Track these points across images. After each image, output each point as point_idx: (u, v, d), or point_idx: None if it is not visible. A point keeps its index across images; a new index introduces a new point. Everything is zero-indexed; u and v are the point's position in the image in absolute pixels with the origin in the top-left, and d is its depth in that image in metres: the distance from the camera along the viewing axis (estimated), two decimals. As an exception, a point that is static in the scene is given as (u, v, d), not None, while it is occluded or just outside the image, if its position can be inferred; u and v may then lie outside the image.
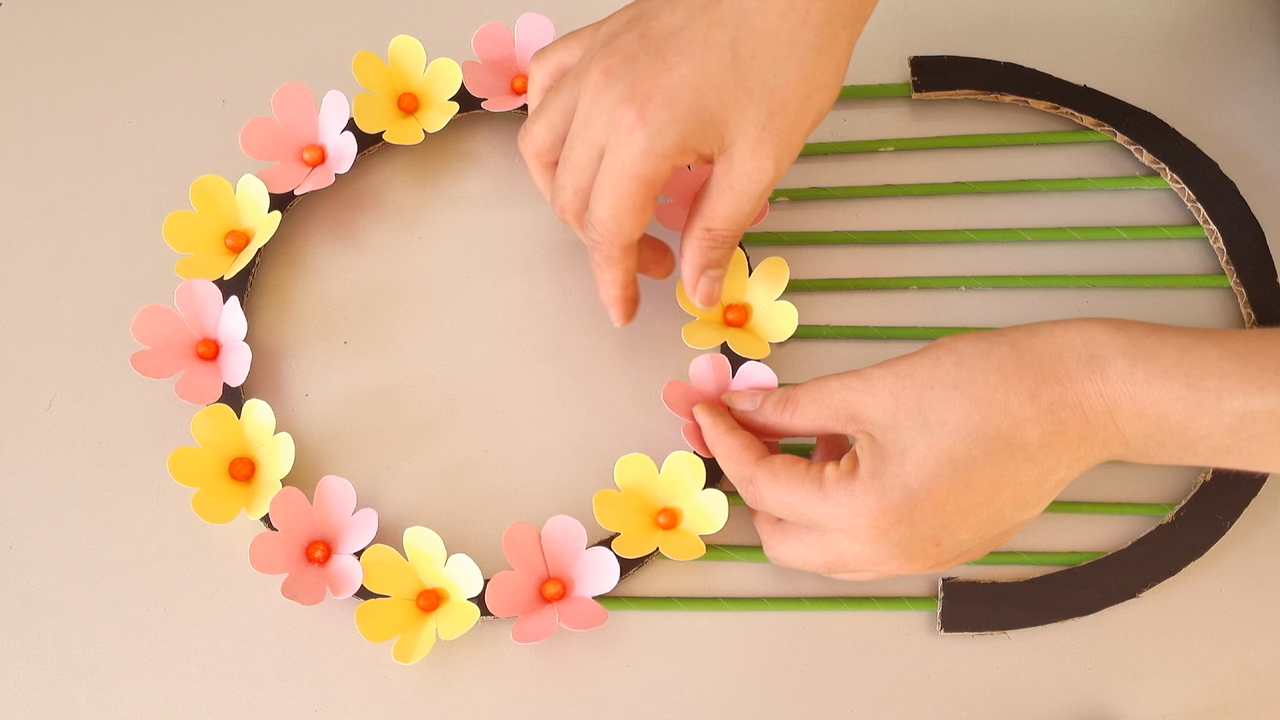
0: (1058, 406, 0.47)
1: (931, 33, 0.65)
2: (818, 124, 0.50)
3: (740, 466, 0.52)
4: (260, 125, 0.59)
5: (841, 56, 0.49)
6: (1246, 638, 0.56)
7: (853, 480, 0.48)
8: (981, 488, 0.47)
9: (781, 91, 0.48)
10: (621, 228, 0.51)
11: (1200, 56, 0.65)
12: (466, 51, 0.62)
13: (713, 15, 0.49)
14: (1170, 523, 0.57)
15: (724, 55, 0.48)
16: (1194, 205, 0.61)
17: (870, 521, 0.48)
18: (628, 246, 0.52)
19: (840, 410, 0.50)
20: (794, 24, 0.48)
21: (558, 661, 0.56)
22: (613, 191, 0.50)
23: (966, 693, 0.56)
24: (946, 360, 0.48)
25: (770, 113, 0.48)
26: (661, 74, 0.48)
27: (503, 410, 0.59)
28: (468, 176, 0.63)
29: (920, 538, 0.48)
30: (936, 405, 0.48)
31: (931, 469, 0.47)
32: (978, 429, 0.47)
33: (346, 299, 0.60)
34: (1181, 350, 0.46)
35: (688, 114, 0.48)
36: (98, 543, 0.57)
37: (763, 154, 0.49)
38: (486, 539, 0.57)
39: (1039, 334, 0.48)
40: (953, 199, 0.62)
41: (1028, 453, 0.47)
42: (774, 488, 0.51)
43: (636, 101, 0.49)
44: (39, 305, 0.60)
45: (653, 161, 0.49)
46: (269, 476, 0.56)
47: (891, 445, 0.48)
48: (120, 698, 0.55)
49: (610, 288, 0.54)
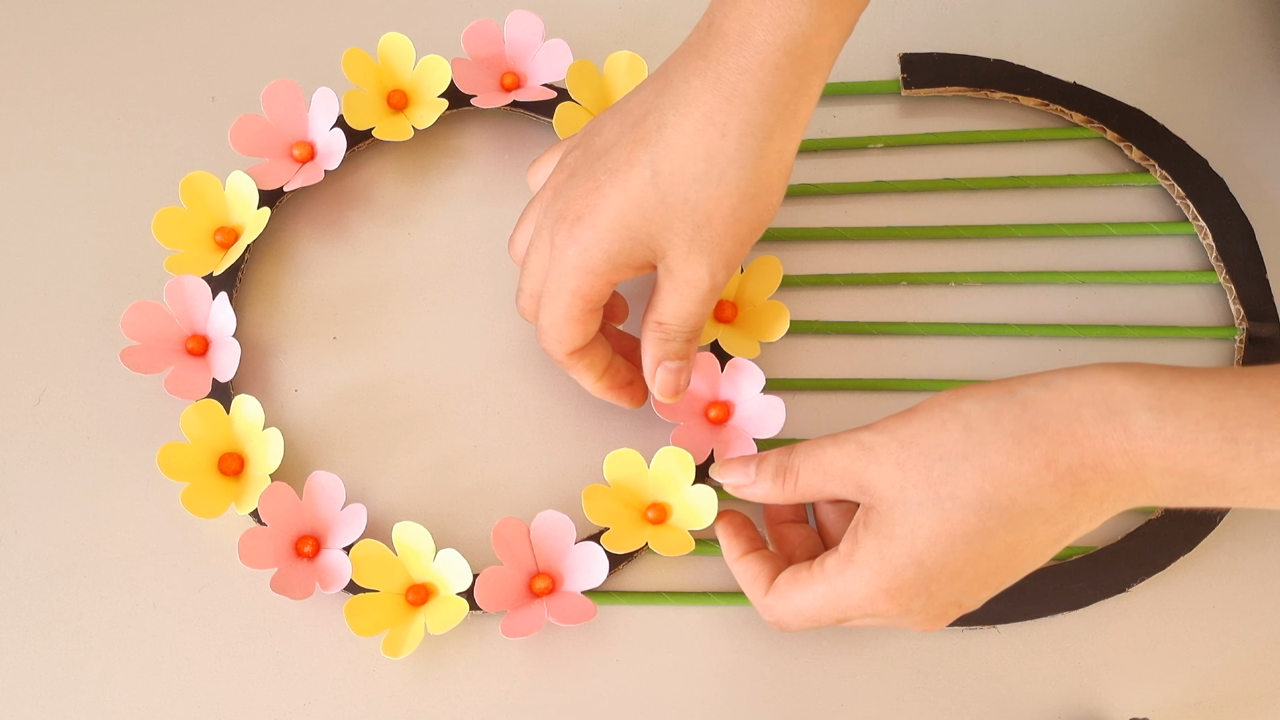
0: (1078, 469, 0.44)
1: (921, 29, 0.65)
2: (760, 228, 0.50)
3: (755, 599, 0.51)
4: (249, 122, 0.59)
5: (772, 166, 0.48)
6: (1236, 632, 0.56)
7: (855, 563, 0.47)
8: (998, 555, 0.46)
9: (704, 206, 0.48)
10: (562, 336, 0.52)
11: (1189, 53, 0.65)
12: (456, 48, 0.62)
13: (637, 133, 0.49)
14: (1160, 518, 0.57)
15: (645, 173, 0.48)
16: (1183, 202, 0.61)
17: (887, 599, 0.47)
18: (575, 353, 0.53)
19: (845, 479, 0.48)
20: (711, 138, 0.47)
21: (547, 656, 0.56)
22: (551, 302, 0.51)
23: (956, 688, 0.56)
24: (954, 426, 0.46)
25: (695, 226, 0.48)
26: (591, 193, 0.49)
27: (492, 405, 0.59)
28: (457, 173, 0.63)
29: (941, 604, 0.47)
30: (947, 479, 0.45)
31: (944, 545, 0.45)
32: (991, 501, 0.45)
33: (336, 295, 0.60)
34: (1213, 399, 0.43)
35: (612, 233, 0.49)
36: (87, 538, 0.57)
37: (695, 264, 0.49)
38: (476, 534, 0.57)
39: (1053, 388, 0.45)
40: (942, 195, 0.63)
41: (1045, 515, 0.45)
42: (786, 605, 0.49)
43: (568, 221, 0.50)
44: (28, 301, 0.60)
45: (585, 278, 0.50)
46: (258, 472, 0.56)
47: (900, 521, 0.46)
48: (109, 692, 0.55)
49: (585, 385, 0.55)
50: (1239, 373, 0.44)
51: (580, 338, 0.52)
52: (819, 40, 0.47)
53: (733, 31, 0.47)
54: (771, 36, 0.46)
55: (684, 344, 0.52)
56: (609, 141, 0.50)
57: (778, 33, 0.46)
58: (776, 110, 0.47)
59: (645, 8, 0.65)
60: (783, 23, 0.46)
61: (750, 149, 0.47)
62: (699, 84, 0.47)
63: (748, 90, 0.47)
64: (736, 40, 0.47)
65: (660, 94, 0.49)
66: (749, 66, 0.47)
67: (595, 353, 0.54)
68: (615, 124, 0.50)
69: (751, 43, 0.46)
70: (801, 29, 0.46)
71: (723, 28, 0.47)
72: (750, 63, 0.47)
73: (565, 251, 0.50)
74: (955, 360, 0.60)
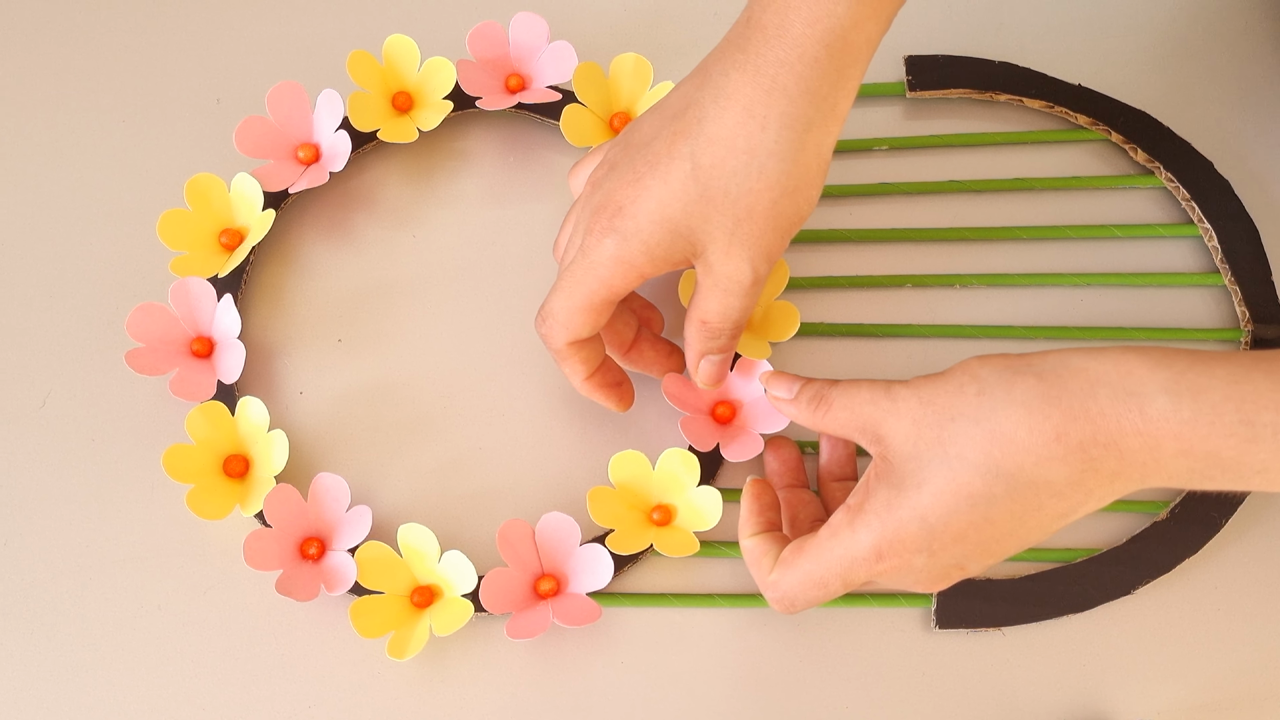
0: (1089, 445, 0.44)
1: (926, 31, 0.65)
2: (800, 222, 0.50)
3: (760, 581, 0.51)
4: (254, 124, 0.59)
5: (811, 159, 0.48)
6: (1241, 634, 0.56)
7: (865, 513, 0.47)
8: (1003, 522, 0.46)
9: (745, 199, 0.48)
10: (572, 322, 0.52)
11: (1194, 56, 0.65)
12: (461, 50, 0.62)
13: (677, 125, 0.49)
14: (1165, 520, 0.57)
15: (685, 165, 0.48)
16: (1188, 204, 0.61)
17: (891, 551, 0.47)
18: (573, 344, 0.53)
19: (867, 425, 0.48)
20: (751, 130, 0.47)
21: (552, 658, 0.56)
22: (572, 286, 0.51)
23: (961, 689, 0.56)
24: (970, 389, 0.46)
25: (736, 220, 0.48)
26: (632, 184, 0.49)
27: (497, 407, 0.59)
28: (462, 175, 0.63)
29: (943, 565, 0.47)
30: (957, 438, 0.45)
31: (949, 504, 0.45)
32: (998, 466, 0.45)
33: (341, 297, 0.60)
34: (1230, 383, 0.43)
35: (653, 225, 0.49)
36: (92, 540, 0.57)
37: (736, 258, 0.49)
38: (480, 536, 0.57)
39: (1069, 365, 0.45)
40: (947, 197, 0.62)
41: (1053, 489, 0.45)
42: (796, 576, 0.49)
43: (608, 211, 0.50)
44: (33, 303, 0.60)
45: (619, 268, 0.50)
46: (263, 473, 0.56)
47: (910, 475, 0.46)
48: (115, 694, 0.55)
49: (573, 381, 0.55)
50: (1256, 357, 0.44)
51: (588, 329, 0.52)
52: (857, 34, 0.47)
53: (771, 25, 0.47)
54: (810, 30, 0.46)
55: (728, 339, 0.53)
56: (649, 135, 0.50)
57: (816, 26, 0.46)
58: (815, 103, 0.47)
59: (650, 10, 0.65)
60: (821, 16, 0.46)
61: (790, 142, 0.47)
62: (738, 77, 0.47)
63: (787, 83, 0.47)
64: (775, 33, 0.47)
65: (700, 88, 0.49)
66: (788, 59, 0.47)
67: (591, 349, 0.54)
68: (655, 118, 0.51)
69: (790, 36, 0.47)
70: (840, 22, 0.46)
71: (761, 21, 0.47)
72: (789, 55, 0.47)
73: (602, 240, 0.50)
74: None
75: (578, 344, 0.53)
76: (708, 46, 0.49)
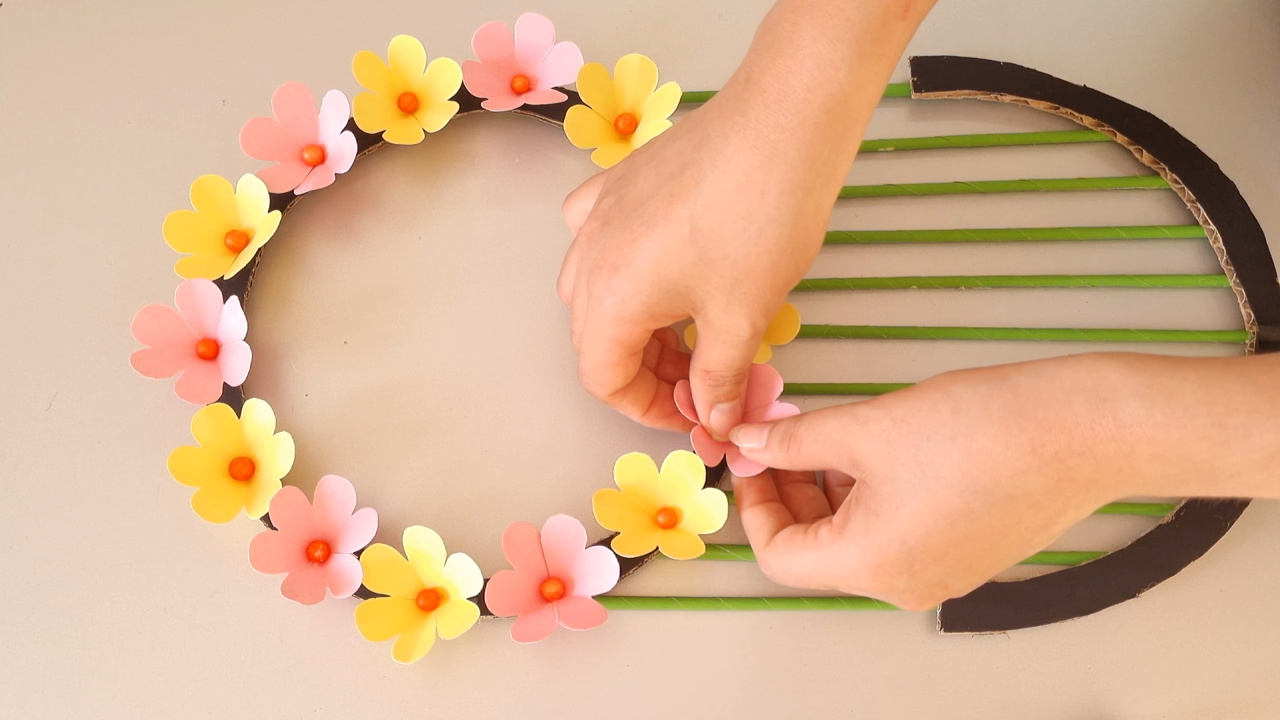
0: (1064, 455, 0.44)
1: (931, 33, 0.65)
2: (798, 278, 0.50)
3: (755, 550, 0.53)
4: (260, 125, 0.59)
5: (810, 222, 0.48)
6: (1246, 637, 0.56)
7: (844, 537, 0.48)
8: (983, 538, 0.46)
9: (744, 262, 0.48)
10: (603, 379, 0.53)
11: (1200, 57, 0.65)
12: (466, 51, 0.62)
13: (674, 186, 0.49)
14: (1170, 522, 0.57)
15: (683, 229, 0.48)
16: (1194, 205, 0.61)
17: (871, 574, 0.47)
18: (616, 393, 0.54)
19: (841, 452, 0.49)
20: (750, 196, 0.47)
21: (557, 661, 0.56)
22: (590, 348, 0.52)
23: (966, 693, 0.56)
24: (944, 407, 0.46)
25: (734, 281, 0.48)
26: (628, 245, 0.49)
27: (502, 410, 0.59)
28: (468, 176, 0.63)
29: (926, 584, 0.48)
30: (933, 458, 0.45)
31: (928, 524, 0.46)
32: (975, 482, 0.45)
33: (346, 299, 0.60)
34: (1201, 386, 0.43)
35: (651, 286, 0.49)
36: (98, 542, 0.57)
37: (735, 315, 0.49)
38: (486, 538, 0.57)
39: (1043, 375, 0.45)
40: (953, 199, 0.62)
41: (1031, 500, 0.45)
42: (780, 563, 0.51)
43: (604, 271, 0.50)
44: (39, 305, 0.60)
45: (624, 327, 0.51)
46: (269, 476, 0.56)
47: (888, 498, 0.47)
48: (120, 697, 0.55)
49: (633, 418, 0.56)
50: (1228, 361, 0.44)
51: (621, 380, 0.53)
52: (858, 98, 0.46)
53: (772, 89, 0.46)
54: (812, 95, 0.46)
55: (733, 385, 0.53)
56: (645, 193, 0.50)
57: (818, 91, 0.46)
58: (816, 168, 0.47)
59: (656, 11, 0.65)
60: (823, 81, 0.46)
61: (789, 207, 0.47)
62: (738, 141, 0.47)
63: (788, 150, 0.46)
64: (776, 98, 0.46)
65: (698, 148, 0.49)
66: (789, 125, 0.46)
67: (639, 389, 0.55)
68: (651, 174, 0.50)
69: (791, 101, 0.46)
70: (841, 87, 0.46)
71: (761, 84, 0.47)
72: (790, 121, 0.46)
73: (603, 301, 0.50)
74: (965, 364, 0.59)
75: (621, 392, 0.54)
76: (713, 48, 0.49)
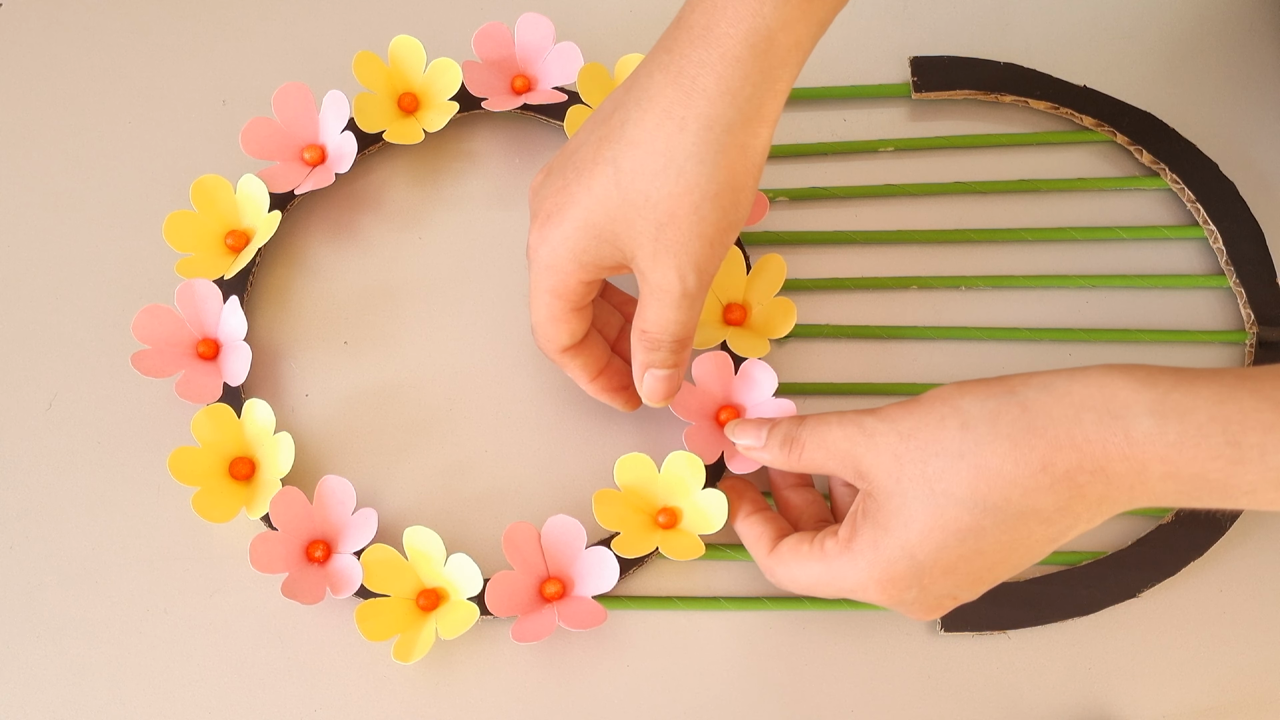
0: (1075, 473, 0.43)
1: (931, 33, 0.65)
2: (730, 230, 0.48)
3: (758, 558, 0.52)
4: (260, 125, 0.59)
5: (735, 162, 0.46)
6: (1246, 637, 0.56)
7: (851, 551, 0.47)
8: (992, 552, 0.45)
9: (666, 203, 0.46)
10: (547, 334, 0.52)
11: (1200, 57, 0.65)
12: (466, 51, 0.62)
13: (602, 130, 0.48)
14: (1170, 523, 0.57)
15: (608, 171, 0.47)
16: (1194, 205, 0.61)
17: (880, 588, 0.47)
18: (567, 351, 0.53)
19: (845, 461, 0.48)
20: (669, 132, 0.46)
21: (557, 661, 0.56)
22: (534, 302, 0.51)
23: (966, 693, 0.56)
24: (951, 423, 0.45)
25: (659, 225, 0.47)
26: (559, 192, 0.49)
27: (502, 410, 0.59)
28: (468, 176, 0.63)
29: (935, 596, 0.47)
30: (942, 475, 0.45)
31: (938, 540, 0.45)
32: (985, 500, 0.44)
33: (347, 299, 0.60)
34: (1215, 403, 0.42)
35: (577, 232, 0.48)
36: (98, 542, 0.57)
37: (663, 265, 0.48)
38: (486, 538, 0.57)
39: (1053, 390, 0.44)
40: (953, 199, 0.62)
41: (1041, 517, 0.44)
42: (786, 571, 0.50)
43: (538, 221, 0.50)
44: (39, 305, 0.60)
45: (556, 276, 0.50)
46: (269, 476, 0.56)
47: (895, 513, 0.46)
48: (120, 697, 0.55)
49: (580, 384, 0.55)
50: (1241, 375, 0.43)
51: (567, 336, 0.52)
52: (785, 35, 0.46)
53: (698, 25, 0.46)
54: (734, 29, 0.45)
55: (669, 353, 0.51)
56: (580, 141, 0.50)
57: (740, 25, 0.45)
58: (737, 105, 0.46)
59: (655, 10, 0.65)
60: (746, 16, 0.45)
61: (709, 143, 0.46)
62: (661, 78, 0.46)
63: (707, 84, 0.46)
64: (700, 34, 0.46)
65: (628, 91, 0.48)
66: (709, 60, 0.45)
67: (589, 353, 0.54)
68: (588, 124, 0.50)
69: (713, 35, 0.45)
70: (766, 22, 0.45)
71: (689, 21, 0.46)
72: (710, 56, 0.45)
73: (537, 251, 0.50)
74: (965, 364, 0.60)
75: (572, 351, 0.53)
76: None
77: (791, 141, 0.63)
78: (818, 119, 0.63)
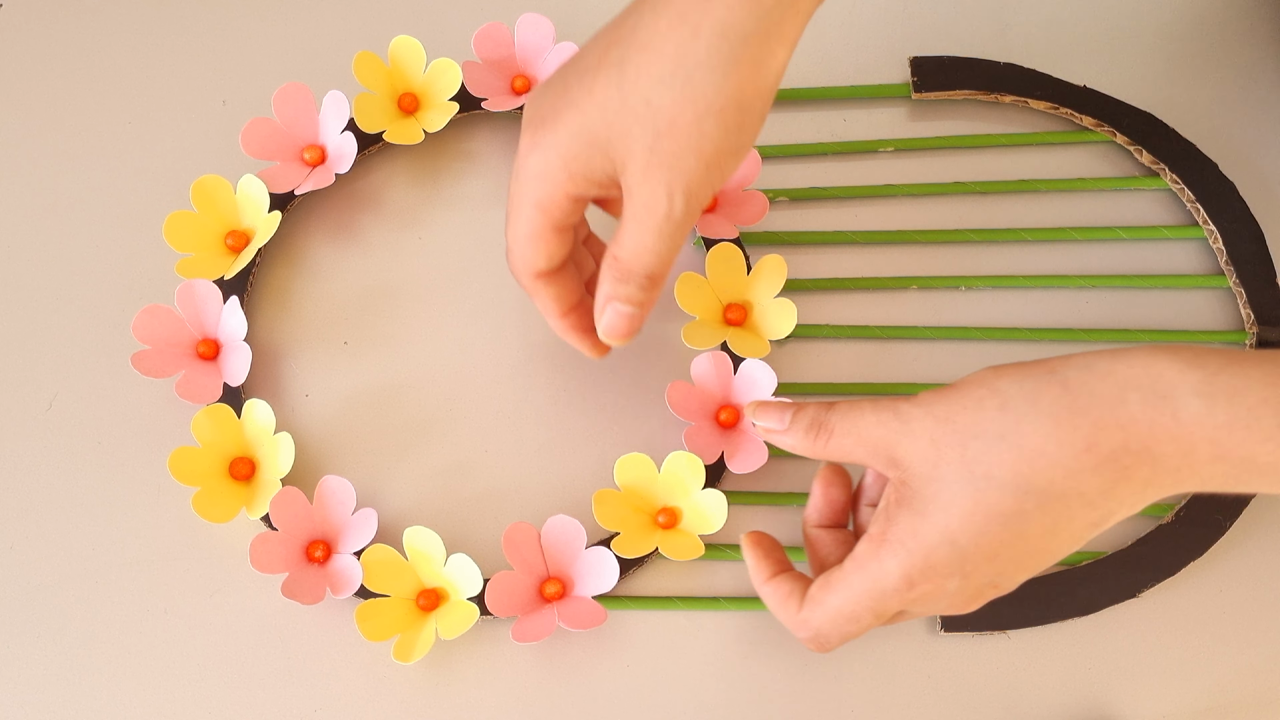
0: (1120, 454, 0.42)
1: (931, 33, 0.65)
2: (732, 156, 0.45)
3: (789, 620, 0.49)
4: (260, 125, 0.59)
5: (746, 78, 0.44)
6: (1246, 637, 0.56)
7: (888, 542, 0.45)
8: (1035, 537, 0.44)
9: (667, 110, 0.44)
10: (525, 254, 0.49)
11: (1200, 57, 0.65)
12: (466, 51, 0.62)
13: (614, 34, 0.46)
14: (1170, 522, 0.57)
15: (612, 73, 0.44)
16: (1193, 205, 0.61)
17: (923, 578, 0.44)
18: (540, 277, 0.50)
19: (878, 449, 0.46)
20: (682, 37, 0.43)
21: (557, 661, 0.56)
22: (514, 216, 0.49)
23: (967, 693, 0.56)
24: (990, 404, 0.44)
25: (656, 134, 0.44)
26: (559, 96, 0.46)
27: (502, 410, 0.59)
28: (468, 176, 0.63)
29: (977, 585, 0.45)
30: (982, 457, 0.43)
31: (979, 525, 0.43)
32: (1028, 483, 0.42)
33: (347, 299, 0.60)
34: (1267, 385, 0.40)
35: (571, 136, 0.46)
36: (98, 543, 0.57)
37: (654, 180, 0.45)
38: (486, 538, 0.57)
39: (1095, 370, 0.43)
40: (952, 199, 0.62)
41: (1085, 500, 0.43)
42: (822, 612, 0.47)
43: (532, 126, 0.47)
44: (39, 305, 0.60)
45: (544, 186, 0.47)
46: (269, 476, 0.56)
47: (933, 499, 0.44)
48: (120, 698, 0.55)
49: (548, 319, 0.52)
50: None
51: (544, 259, 0.49)
52: None
53: None
54: None
55: (637, 288, 0.48)
56: (589, 47, 0.47)
57: None
58: (757, 15, 0.43)
59: (655, 11, 0.65)
60: None
61: (723, 53, 0.43)
62: None
63: None
64: None
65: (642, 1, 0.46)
66: None
67: (563, 283, 0.51)
68: (602, 30, 0.47)
69: None
70: None
71: None
72: None
73: (526, 159, 0.47)
74: (965, 364, 0.60)
75: (544, 278, 0.50)
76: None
77: (791, 141, 0.63)
78: (818, 119, 0.63)
